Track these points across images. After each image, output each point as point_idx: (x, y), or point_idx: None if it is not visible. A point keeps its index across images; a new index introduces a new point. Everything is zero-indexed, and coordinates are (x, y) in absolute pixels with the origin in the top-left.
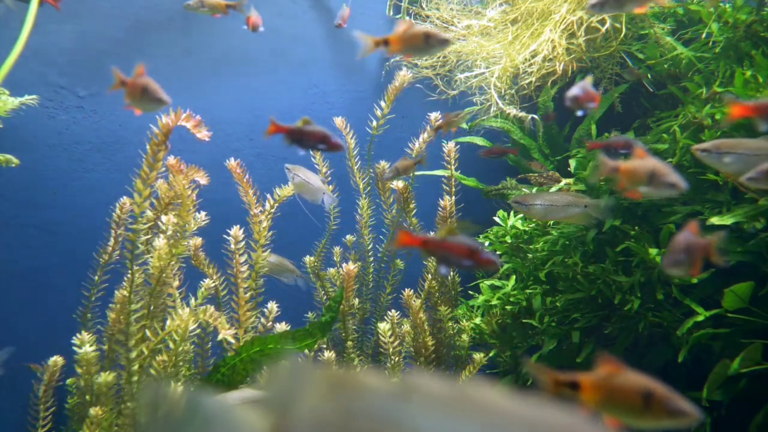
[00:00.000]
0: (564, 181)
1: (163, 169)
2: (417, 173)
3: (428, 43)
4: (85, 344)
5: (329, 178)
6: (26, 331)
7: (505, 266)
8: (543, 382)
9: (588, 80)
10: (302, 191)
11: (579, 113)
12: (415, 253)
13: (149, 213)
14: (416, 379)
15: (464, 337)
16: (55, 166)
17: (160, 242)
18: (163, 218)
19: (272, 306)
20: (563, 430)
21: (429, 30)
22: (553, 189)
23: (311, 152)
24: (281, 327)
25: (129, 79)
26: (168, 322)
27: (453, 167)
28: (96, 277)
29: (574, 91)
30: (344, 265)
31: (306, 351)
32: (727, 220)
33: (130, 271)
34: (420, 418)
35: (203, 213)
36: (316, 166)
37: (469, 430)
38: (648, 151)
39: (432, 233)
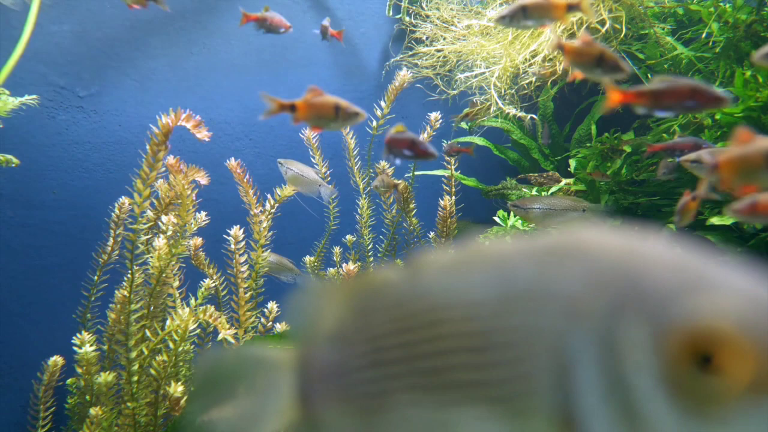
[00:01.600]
0: (564, 181)
1: (163, 169)
2: (417, 173)
3: (600, 63)
4: (85, 344)
5: (329, 178)
6: (26, 331)
7: None
8: None
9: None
10: (297, 184)
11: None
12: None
13: (149, 213)
14: (423, 257)
15: None
16: (55, 166)
17: (160, 242)
18: (164, 218)
19: (272, 306)
20: (574, 245)
21: (605, 50)
22: (553, 189)
23: (311, 151)
24: (281, 327)
25: (301, 101)
26: (168, 322)
27: (453, 167)
28: (95, 277)
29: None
30: (344, 265)
31: None
32: (728, 220)
33: (130, 272)
34: (432, 287)
35: (203, 213)
36: (315, 165)
37: (481, 278)
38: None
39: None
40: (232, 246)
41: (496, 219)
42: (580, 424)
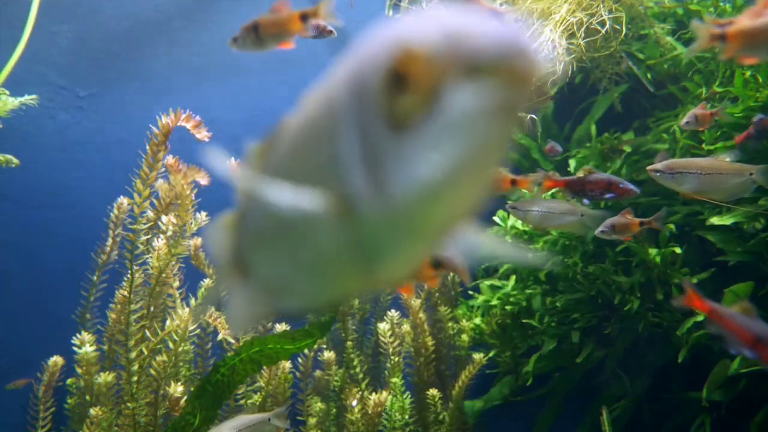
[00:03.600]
0: None
1: (163, 169)
2: None
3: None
4: (85, 344)
5: None
6: (26, 331)
7: (505, 266)
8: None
9: None
10: None
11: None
12: None
13: (149, 213)
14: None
15: (464, 337)
16: (55, 166)
17: (159, 242)
18: (164, 218)
19: None
20: (375, 35)
21: None
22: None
23: None
24: (281, 327)
25: None
26: (168, 322)
27: None
28: (95, 278)
29: None
30: None
31: (306, 351)
32: (727, 220)
33: (129, 272)
34: (290, 134)
35: (203, 213)
36: None
37: (315, 100)
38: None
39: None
40: None
41: (496, 219)
42: (346, 182)
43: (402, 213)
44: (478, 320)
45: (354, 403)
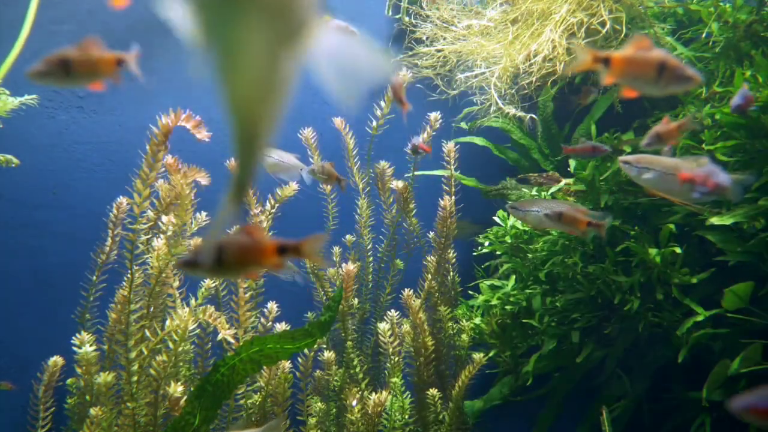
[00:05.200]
0: (564, 181)
1: (163, 169)
2: (417, 173)
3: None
4: (85, 344)
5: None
6: (26, 331)
7: (505, 266)
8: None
9: None
10: (277, 171)
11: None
12: (415, 253)
13: (150, 213)
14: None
15: (464, 337)
16: (55, 166)
17: (159, 242)
18: (164, 218)
19: (272, 306)
20: None
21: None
22: (553, 189)
23: (308, 150)
24: (281, 327)
25: (618, 53)
26: (168, 322)
27: (453, 167)
28: (94, 278)
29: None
30: (344, 265)
31: (306, 351)
32: (727, 220)
33: (129, 272)
34: None
35: (203, 213)
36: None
37: None
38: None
39: None
40: None
41: (496, 219)
42: None
43: None
44: (478, 320)
45: (354, 403)
